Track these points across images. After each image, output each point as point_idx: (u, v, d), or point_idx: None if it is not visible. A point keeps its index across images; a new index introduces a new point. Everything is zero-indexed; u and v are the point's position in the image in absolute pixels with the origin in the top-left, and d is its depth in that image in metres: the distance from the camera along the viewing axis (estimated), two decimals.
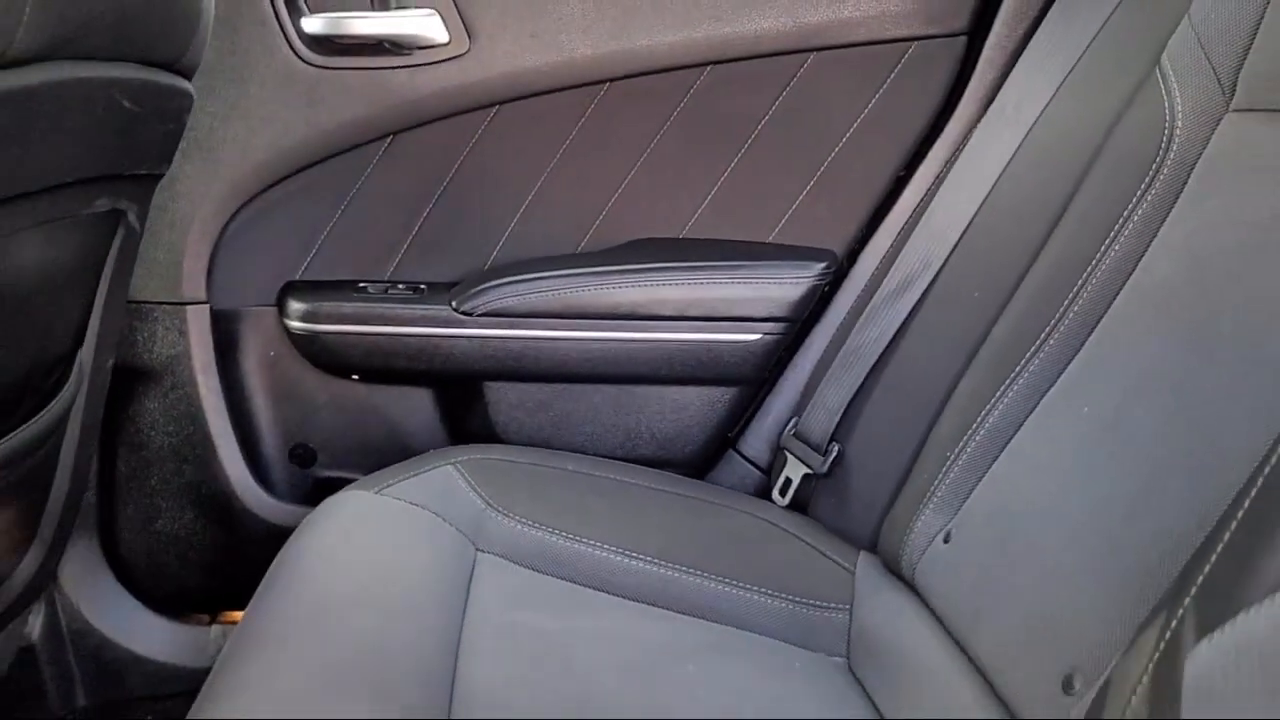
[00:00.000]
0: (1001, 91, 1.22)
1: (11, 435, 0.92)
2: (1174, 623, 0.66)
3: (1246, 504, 0.67)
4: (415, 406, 1.35)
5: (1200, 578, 0.69)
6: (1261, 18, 0.98)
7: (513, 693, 0.87)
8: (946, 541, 1.06)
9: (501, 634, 0.95)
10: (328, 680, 0.78)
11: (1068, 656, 0.82)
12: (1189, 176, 1.00)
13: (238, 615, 1.33)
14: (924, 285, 1.20)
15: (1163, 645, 0.65)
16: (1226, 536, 0.68)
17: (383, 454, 1.30)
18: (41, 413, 0.96)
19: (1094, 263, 1.03)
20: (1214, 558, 0.68)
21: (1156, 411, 0.89)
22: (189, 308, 1.26)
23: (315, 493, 1.30)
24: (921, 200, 1.27)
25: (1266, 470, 0.66)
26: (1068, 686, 0.81)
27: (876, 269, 1.28)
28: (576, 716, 0.86)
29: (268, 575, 0.99)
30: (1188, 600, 0.68)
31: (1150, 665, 0.65)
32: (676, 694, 0.93)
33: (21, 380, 0.94)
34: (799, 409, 1.29)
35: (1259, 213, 0.92)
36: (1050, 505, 0.96)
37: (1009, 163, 1.18)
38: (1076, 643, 0.81)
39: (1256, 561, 0.63)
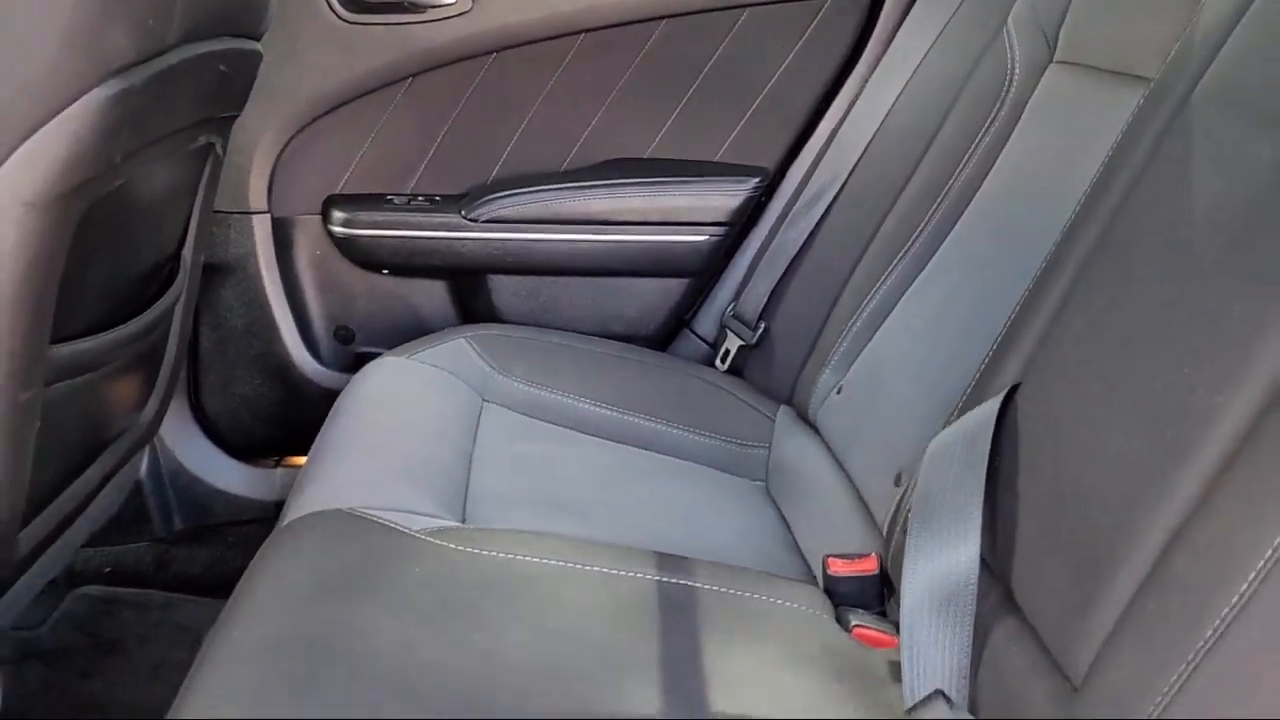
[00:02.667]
0: (893, 42, 1.52)
1: (142, 315, 1.25)
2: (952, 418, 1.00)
3: (1001, 341, 1.00)
4: (433, 294, 1.68)
5: (965, 399, 1.03)
6: None
7: (509, 495, 1.20)
8: (839, 393, 1.39)
9: (501, 458, 1.28)
10: (384, 478, 1.13)
11: (898, 461, 1.15)
12: (1020, 114, 1.31)
13: (299, 459, 1.67)
14: (831, 196, 1.52)
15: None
16: (985, 364, 1.01)
17: (408, 332, 1.60)
18: (162, 298, 1.29)
19: (951, 180, 1.34)
20: (977, 377, 1.02)
21: (976, 288, 1.22)
22: (254, 216, 1.59)
23: (355, 363, 1.61)
24: (834, 129, 1.58)
25: (1017, 316, 0.98)
26: (897, 481, 1.14)
27: (799, 183, 1.60)
28: (556, 513, 1.19)
29: (329, 418, 1.32)
30: (957, 411, 1.02)
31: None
32: (631, 499, 1.27)
33: (149, 272, 1.27)
34: (737, 295, 1.63)
35: (1064, 143, 1.23)
36: (905, 362, 1.29)
37: (896, 99, 1.49)
38: (904, 451, 1.14)
39: (996, 377, 0.97)
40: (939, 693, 0.75)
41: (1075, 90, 1.24)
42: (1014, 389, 0.92)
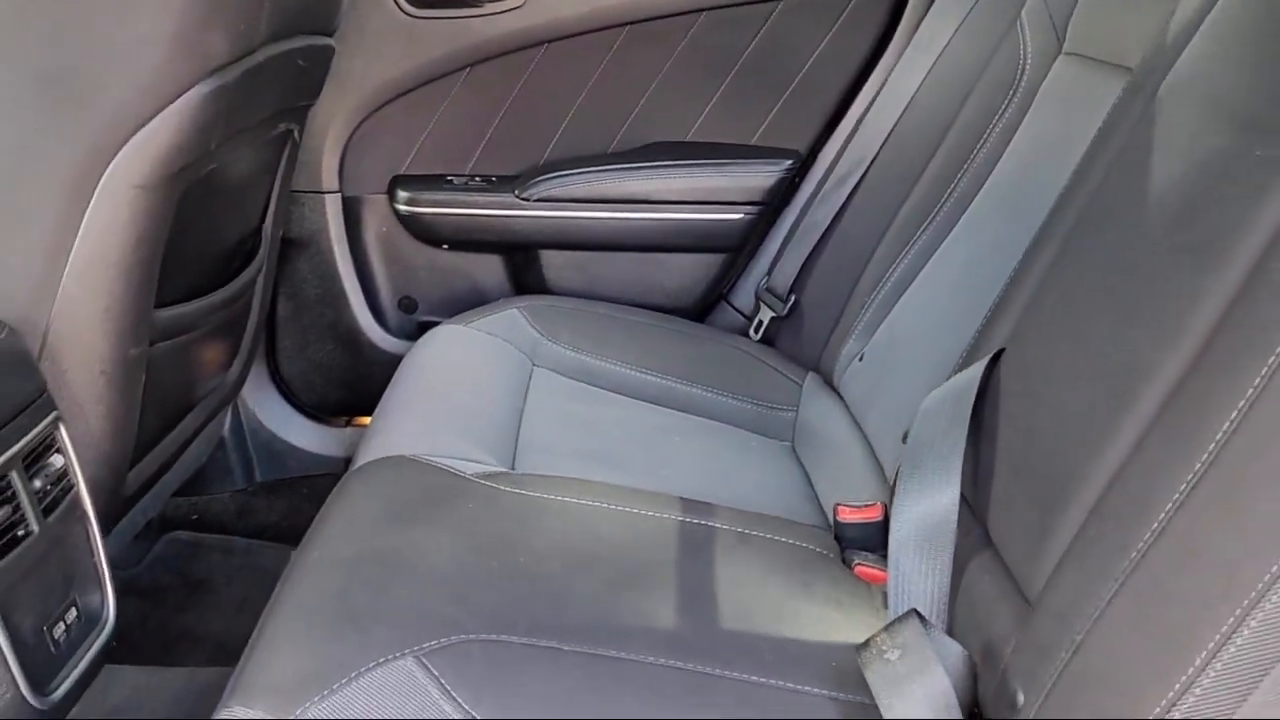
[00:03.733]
0: (918, 31, 1.62)
1: (230, 284, 1.40)
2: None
3: (993, 309, 1.10)
4: (488, 267, 1.81)
5: (960, 363, 1.14)
6: None
7: (553, 447, 1.33)
8: (860, 360, 1.50)
9: (548, 415, 1.41)
10: (442, 430, 1.26)
11: (906, 420, 1.25)
12: (1032, 101, 1.41)
13: (365, 419, 1.81)
14: (858, 177, 1.63)
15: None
16: (979, 331, 1.11)
17: (465, 302, 1.73)
18: (246, 270, 1.44)
19: (966, 163, 1.44)
20: (971, 343, 1.13)
21: (984, 263, 1.32)
22: (326, 196, 1.73)
23: (417, 331, 1.74)
24: (862, 114, 1.68)
25: (1007, 286, 1.08)
26: (904, 439, 1.25)
27: (829, 165, 1.70)
28: (596, 465, 1.32)
29: (393, 379, 1.45)
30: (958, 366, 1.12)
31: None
32: (666, 454, 1.39)
33: (235, 247, 1.42)
34: (770, 270, 1.74)
35: (1067, 129, 1.32)
36: (919, 332, 1.40)
37: (919, 87, 1.59)
38: (912, 412, 1.24)
39: (987, 342, 1.07)
40: (914, 612, 0.87)
41: (1079, 80, 1.33)
42: (999, 353, 1.03)
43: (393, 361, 1.56)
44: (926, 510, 0.96)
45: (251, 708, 0.76)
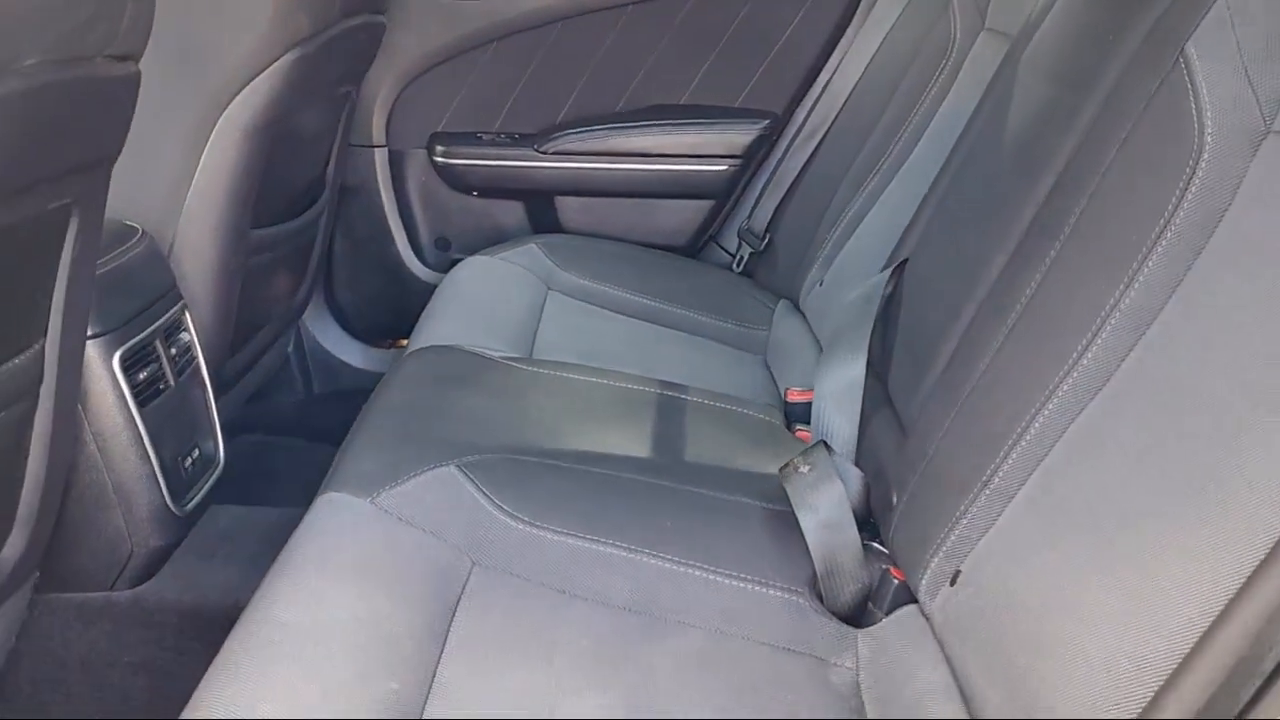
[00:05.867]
0: (874, 9, 1.91)
1: (302, 216, 1.71)
2: None
3: (905, 231, 1.40)
4: (511, 211, 2.12)
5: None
6: None
7: (563, 348, 1.64)
8: (820, 285, 1.80)
9: (560, 327, 1.71)
10: (474, 330, 1.57)
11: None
12: (959, 71, 1.70)
13: (404, 341, 2.12)
14: (822, 134, 1.93)
15: None
16: (895, 248, 1.41)
17: (491, 241, 2.02)
18: (314, 207, 1.76)
19: (908, 121, 1.74)
20: (889, 256, 1.42)
21: (915, 200, 1.61)
22: (375, 149, 2.05)
23: (451, 266, 2.03)
24: (828, 80, 1.98)
25: (916, 212, 1.38)
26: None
27: (799, 124, 2.00)
28: (597, 355, 1.62)
29: (435, 294, 1.76)
30: None
31: None
32: (656, 358, 1.70)
33: (306, 187, 1.74)
34: (750, 213, 2.04)
35: (979, 93, 1.61)
36: (864, 258, 1.69)
37: (872, 58, 1.89)
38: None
39: (899, 254, 1.37)
40: (822, 442, 1.18)
41: (994, 52, 1.62)
42: (903, 262, 1.33)
43: (430, 291, 1.86)
44: (840, 376, 1.27)
45: (343, 492, 1.07)
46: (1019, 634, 0.84)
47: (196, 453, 1.32)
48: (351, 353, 2.16)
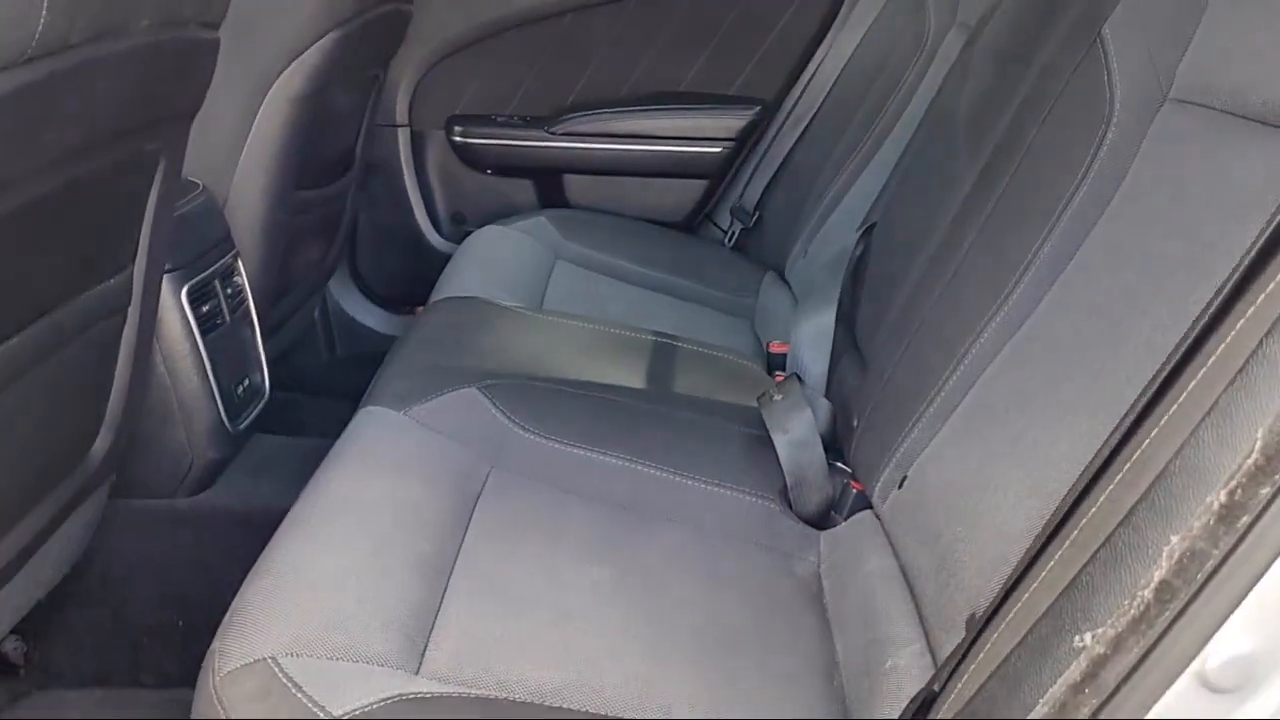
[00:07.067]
0: (857, 5, 2.10)
1: (335, 183, 1.89)
2: None
3: (874, 200, 1.58)
4: (523, 188, 2.30)
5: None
6: None
7: (568, 305, 1.81)
8: (804, 257, 1.98)
9: (565, 290, 1.89)
10: (488, 286, 1.74)
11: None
12: (931, 62, 1.88)
13: (421, 307, 2.29)
14: (808, 120, 2.11)
15: None
16: (866, 214, 1.59)
17: (504, 215, 2.20)
18: (344, 177, 1.93)
19: (885, 109, 1.91)
20: (861, 222, 1.60)
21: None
22: (398, 129, 2.23)
23: (465, 237, 2.24)
24: (816, 70, 2.16)
25: (885, 182, 1.57)
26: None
27: (788, 111, 2.18)
28: (600, 316, 1.79)
29: (454, 257, 1.94)
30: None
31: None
32: (653, 317, 1.87)
33: (338, 158, 1.92)
34: (741, 193, 2.22)
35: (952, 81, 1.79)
36: (843, 230, 1.87)
37: (854, 51, 2.07)
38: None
39: (870, 219, 1.55)
40: (794, 375, 1.35)
41: (959, 44, 1.80)
42: (871, 226, 1.51)
43: (446, 261, 2.04)
44: (813, 322, 1.45)
45: (381, 405, 1.25)
46: (946, 509, 1.01)
47: (247, 382, 1.49)
48: (372, 318, 2.33)
